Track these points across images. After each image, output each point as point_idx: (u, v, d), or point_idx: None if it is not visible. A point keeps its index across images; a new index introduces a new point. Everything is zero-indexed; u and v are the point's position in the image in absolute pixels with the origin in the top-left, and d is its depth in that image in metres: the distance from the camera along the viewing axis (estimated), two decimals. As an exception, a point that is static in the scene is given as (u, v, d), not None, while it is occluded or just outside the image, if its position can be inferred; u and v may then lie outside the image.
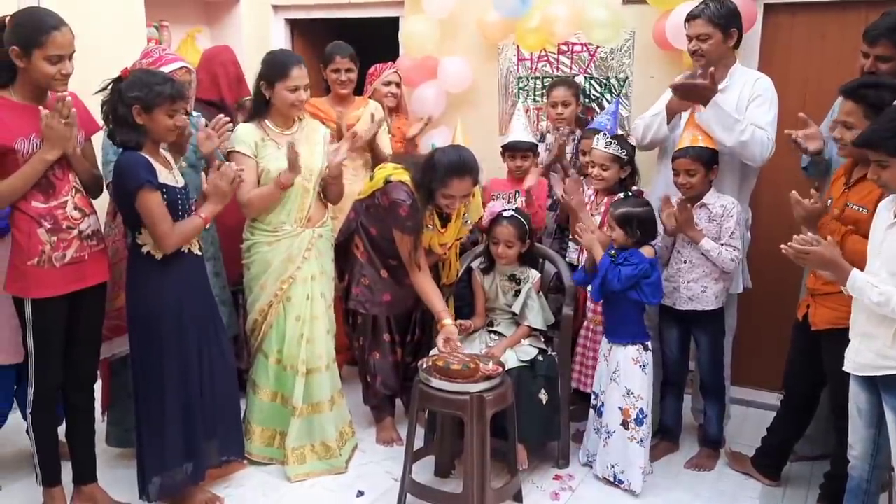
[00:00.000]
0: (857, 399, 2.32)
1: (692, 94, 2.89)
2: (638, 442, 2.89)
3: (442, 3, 3.93)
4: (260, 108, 3.00)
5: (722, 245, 2.91)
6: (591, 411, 3.07)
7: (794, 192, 2.48)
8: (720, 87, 2.90)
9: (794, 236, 2.23)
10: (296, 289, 2.98)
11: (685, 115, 3.07)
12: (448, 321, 2.92)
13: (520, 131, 3.47)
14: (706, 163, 2.90)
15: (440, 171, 2.87)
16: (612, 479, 2.96)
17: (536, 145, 3.53)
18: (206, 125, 2.97)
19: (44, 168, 2.41)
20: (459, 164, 2.88)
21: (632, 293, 2.86)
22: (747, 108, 2.94)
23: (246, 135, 2.96)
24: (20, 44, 2.36)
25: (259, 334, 3.04)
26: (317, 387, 3.02)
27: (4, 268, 2.52)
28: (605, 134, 3.12)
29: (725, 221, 2.92)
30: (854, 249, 2.31)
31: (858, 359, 2.26)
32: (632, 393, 2.89)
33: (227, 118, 2.95)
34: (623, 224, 2.87)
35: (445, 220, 3.11)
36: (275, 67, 2.92)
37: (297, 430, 3.00)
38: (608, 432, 2.95)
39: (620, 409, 2.90)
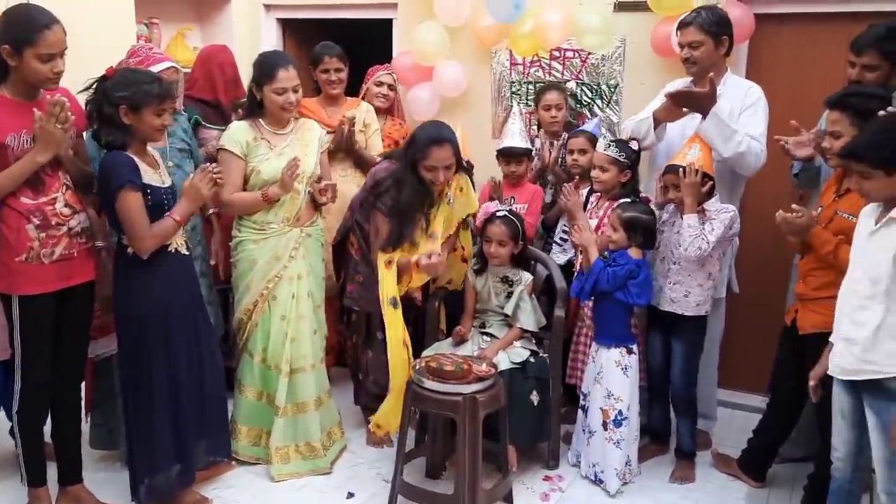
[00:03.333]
0: (840, 402, 2.36)
1: (690, 104, 2.90)
2: (615, 443, 2.92)
3: (457, 11, 3.93)
4: (254, 108, 3.00)
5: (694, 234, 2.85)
6: (580, 411, 3.10)
7: (780, 211, 2.52)
8: None
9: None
10: (281, 287, 2.98)
11: (673, 128, 3.09)
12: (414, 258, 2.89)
13: (515, 136, 3.48)
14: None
15: (420, 143, 2.90)
16: (593, 478, 3.01)
17: (531, 150, 3.54)
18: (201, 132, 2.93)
19: (34, 169, 2.39)
20: (437, 134, 2.91)
21: (618, 293, 2.89)
22: (739, 117, 2.97)
23: (238, 134, 2.95)
24: (11, 42, 2.33)
25: (244, 333, 3.03)
26: (301, 386, 3.02)
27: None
28: (605, 136, 3.15)
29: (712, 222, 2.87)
30: (846, 258, 2.35)
31: (841, 362, 2.30)
32: (612, 395, 2.93)
33: (219, 170, 2.85)
34: (629, 227, 2.90)
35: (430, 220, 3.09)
36: (262, 69, 2.93)
37: (281, 429, 2.99)
38: (590, 432, 3.00)
39: (602, 409, 2.94)
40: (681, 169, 2.84)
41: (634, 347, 2.99)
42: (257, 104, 2.97)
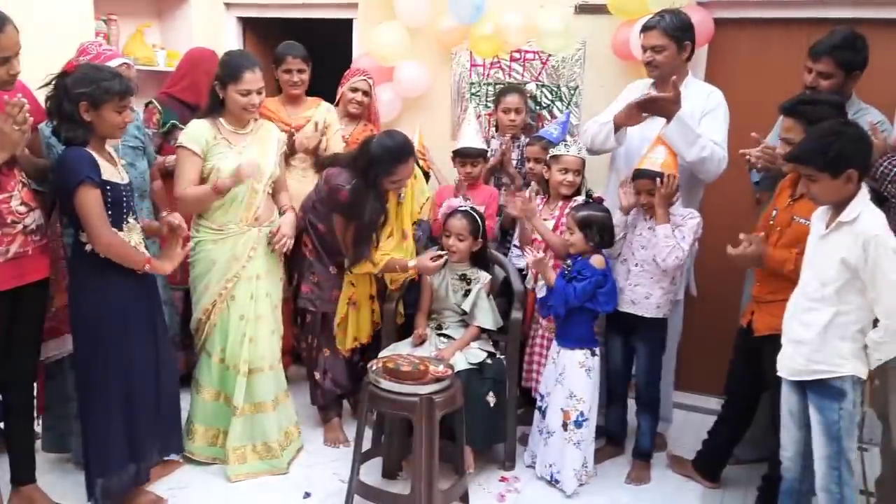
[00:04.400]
0: (788, 402, 2.41)
1: (655, 108, 2.92)
2: (574, 444, 2.94)
3: (417, 12, 3.93)
4: (215, 107, 2.97)
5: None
6: (537, 412, 3.11)
7: (729, 248, 2.56)
8: None
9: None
10: (240, 287, 2.96)
11: (633, 131, 3.11)
12: (413, 262, 3.09)
13: (470, 137, 3.48)
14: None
15: (385, 162, 2.94)
16: (549, 478, 3.02)
17: (486, 151, 3.53)
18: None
19: None
20: (400, 151, 2.97)
21: (587, 303, 2.90)
22: (700, 122, 2.99)
23: (197, 132, 2.92)
24: None
25: (203, 333, 3.02)
26: (259, 386, 3.00)
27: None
28: (573, 141, 3.17)
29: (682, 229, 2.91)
30: None
31: (791, 364, 2.35)
32: (574, 395, 2.94)
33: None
34: (584, 227, 2.92)
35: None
36: (228, 69, 2.90)
37: (238, 429, 2.98)
38: (549, 433, 3.00)
39: (562, 410, 2.96)
40: (658, 178, 2.83)
41: (598, 350, 3.01)
42: (219, 102, 2.95)
